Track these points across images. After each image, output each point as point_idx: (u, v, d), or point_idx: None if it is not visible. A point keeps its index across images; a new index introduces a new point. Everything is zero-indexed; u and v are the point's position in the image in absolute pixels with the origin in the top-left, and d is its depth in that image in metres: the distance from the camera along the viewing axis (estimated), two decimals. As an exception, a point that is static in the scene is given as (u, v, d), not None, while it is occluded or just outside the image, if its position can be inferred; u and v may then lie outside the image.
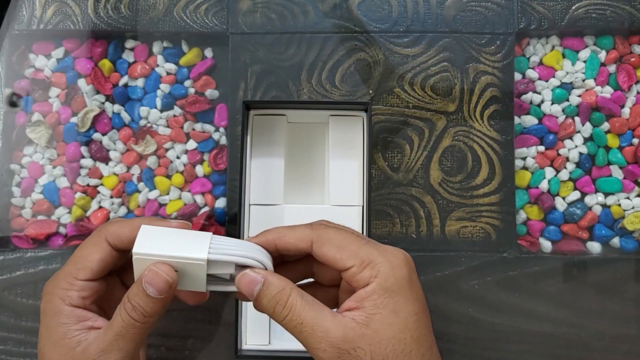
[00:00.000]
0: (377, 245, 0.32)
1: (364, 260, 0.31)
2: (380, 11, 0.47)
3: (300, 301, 0.31)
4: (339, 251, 0.32)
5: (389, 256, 0.32)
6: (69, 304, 0.33)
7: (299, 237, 0.33)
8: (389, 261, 0.31)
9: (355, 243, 0.32)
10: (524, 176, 0.46)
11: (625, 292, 0.44)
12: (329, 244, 0.32)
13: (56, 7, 0.47)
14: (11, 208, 0.47)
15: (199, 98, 0.47)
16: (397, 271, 0.31)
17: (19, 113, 0.47)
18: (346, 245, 0.32)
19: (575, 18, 0.46)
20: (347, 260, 0.31)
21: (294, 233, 0.33)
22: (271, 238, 0.33)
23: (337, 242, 0.32)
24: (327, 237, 0.32)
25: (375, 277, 0.31)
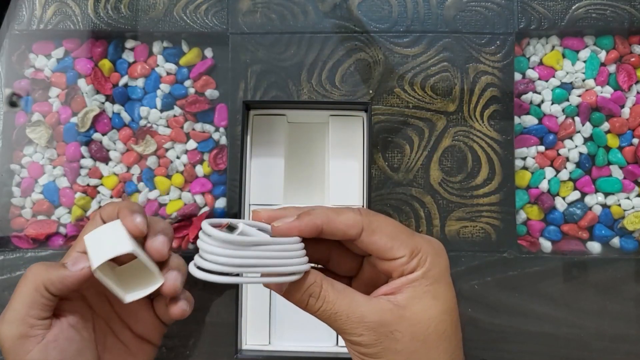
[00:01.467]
0: (421, 235, 0.33)
1: (413, 250, 0.31)
2: (380, 11, 0.47)
3: (332, 291, 0.31)
4: (391, 240, 0.31)
5: (434, 245, 0.32)
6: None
7: (349, 223, 0.31)
8: (435, 250, 0.32)
9: (405, 232, 0.32)
10: (524, 176, 0.46)
11: (625, 292, 0.44)
12: (381, 232, 0.31)
13: (56, 7, 0.47)
14: (11, 208, 0.47)
15: (199, 98, 0.47)
16: (441, 260, 0.32)
17: (19, 113, 0.47)
18: (398, 234, 0.32)
19: (575, 18, 0.46)
20: (398, 249, 0.31)
21: (342, 218, 0.32)
22: (319, 223, 0.31)
23: (388, 230, 0.32)
24: (378, 225, 0.32)
25: (422, 267, 0.31)
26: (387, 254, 0.31)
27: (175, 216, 0.46)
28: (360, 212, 0.32)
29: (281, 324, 0.43)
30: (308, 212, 0.32)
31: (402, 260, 0.31)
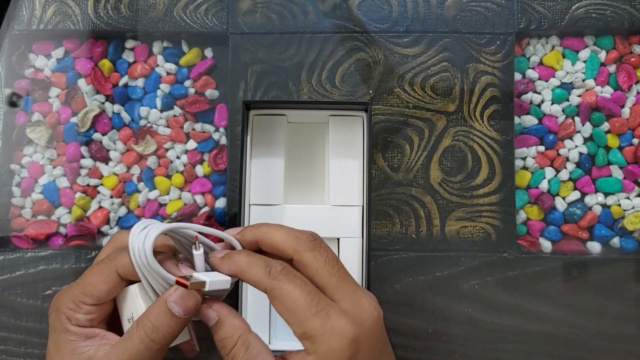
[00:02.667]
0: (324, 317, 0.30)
1: (305, 333, 0.30)
2: (380, 11, 0.47)
3: (244, 353, 0.31)
4: (286, 312, 0.31)
5: (332, 335, 0.30)
6: (76, 324, 0.33)
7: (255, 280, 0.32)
8: (329, 341, 0.30)
9: (304, 311, 0.30)
10: (524, 176, 0.46)
11: (625, 292, 0.44)
12: (279, 301, 0.31)
13: (56, 7, 0.47)
14: (11, 208, 0.47)
15: (199, 98, 0.47)
16: (335, 353, 0.30)
17: (19, 113, 0.47)
18: (294, 309, 0.30)
19: (575, 18, 0.46)
20: (292, 325, 0.31)
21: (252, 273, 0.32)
22: (233, 270, 0.33)
23: (287, 302, 0.30)
24: (279, 294, 0.31)
25: (314, 353, 0.30)
26: (285, 321, 0.31)
27: (175, 216, 0.46)
28: (270, 273, 0.31)
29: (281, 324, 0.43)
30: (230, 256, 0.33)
31: (296, 336, 0.31)
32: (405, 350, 0.44)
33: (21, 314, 0.45)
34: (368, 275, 0.40)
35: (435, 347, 0.44)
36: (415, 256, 0.45)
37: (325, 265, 0.32)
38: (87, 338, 0.33)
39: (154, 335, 0.31)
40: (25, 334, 0.45)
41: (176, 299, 0.31)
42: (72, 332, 0.32)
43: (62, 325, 0.33)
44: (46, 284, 0.45)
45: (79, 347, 0.32)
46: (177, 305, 0.31)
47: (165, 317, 0.31)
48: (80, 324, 0.33)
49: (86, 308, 0.33)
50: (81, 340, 0.32)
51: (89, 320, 0.33)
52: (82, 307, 0.33)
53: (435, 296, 0.44)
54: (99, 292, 0.33)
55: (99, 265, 0.33)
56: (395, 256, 0.45)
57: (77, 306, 0.33)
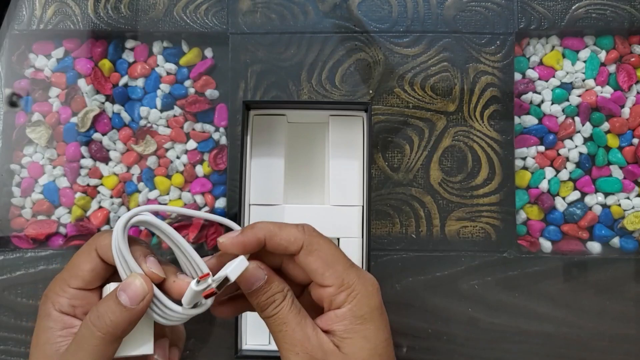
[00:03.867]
0: (358, 270, 0.32)
1: (343, 284, 0.31)
2: (380, 11, 0.47)
3: (290, 305, 0.32)
4: (324, 266, 0.32)
5: (366, 283, 0.32)
6: (58, 309, 0.32)
7: (290, 239, 0.32)
8: (366, 289, 0.32)
9: (342, 263, 0.32)
10: (524, 176, 0.46)
11: (625, 292, 0.44)
12: (317, 255, 0.32)
13: (56, 7, 0.47)
14: (11, 208, 0.47)
15: (199, 98, 0.47)
16: (371, 300, 0.32)
17: (19, 113, 0.47)
18: (334, 262, 0.32)
19: (575, 18, 0.46)
20: (328, 278, 0.31)
21: (284, 233, 0.32)
22: (261, 236, 0.32)
23: (325, 255, 0.32)
24: (318, 247, 0.32)
25: (349, 303, 0.31)
26: (318, 278, 0.32)
27: (175, 216, 0.46)
28: (304, 229, 0.32)
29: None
30: (251, 226, 0.32)
31: (329, 290, 0.32)
32: (406, 350, 0.44)
33: (21, 314, 0.45)
34: (368, 275, 0.40)
35: (435, 347, 0.44)
36: (415, 256, 0.45)
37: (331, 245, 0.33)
38: (63, 328, 0.32)
39: (97, 322, 0.30)
40: (25, 334, 0.45)
41: (124, 286, 0.31)
42: (52, 318, 0.32)
43: (46, 309, 0.33)
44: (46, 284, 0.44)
45: (52, 337, 0.32)
46: (123, 293, 0.30)
47: (111, 304, 0.31)
48: (62, 309, 0.32)
49: (71, 292, 0.32)
50: (57, 329, 0.32)
51: (72, 306, 0.32)
52: (66, 291, 0.32)
53: (435, 296, 0.44)
54: (82, 272, 0.32)
55: (82, 247, 0.34)
56: (395, 256, 0.45)
57: (62, 289, 0.33)
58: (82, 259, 0.33)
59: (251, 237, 0.32)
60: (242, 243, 0.32)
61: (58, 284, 0.33)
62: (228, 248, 0.32)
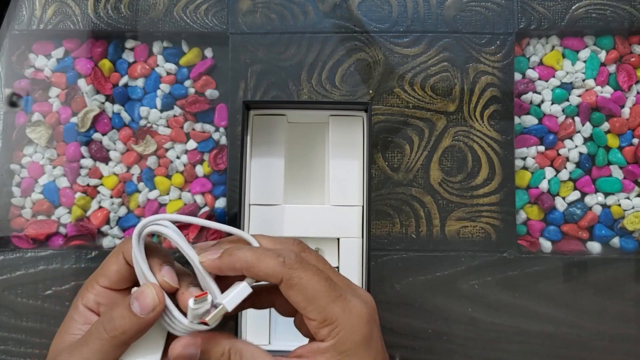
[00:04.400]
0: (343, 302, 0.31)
1: (326, 319, 0.30)
2: (380, 11, 0.47)
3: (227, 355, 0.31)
4: (305, 301, 0.30)
5: (352, 317, 0.30)
6: (84, 304, 0.33)
7: (267, 272, 0.30)
8: (350, 323, 0.30)
9: (324, 296, 0.30)
10: (524, 176, 0.46)
11: (625, 292, 0.44)
12: (297, 289, 0.30)
13: (56, 7, 0.47)
14: (11, 208, 0.47)
15: (199, 98, 0.47)
16: (356, 334, 0.30)
17: (19, 113, 0.47)
18: (315, 297, 0.30)
19: (575, 18, 0.46)
20: (310, 312, 0.30)
21: (263, 266, 0.31)
22: (238, 267, 0.31)
23: (306, 290, 0.30)
24: (298, 282, 0.30)
25: (332, 339, 0.30)
26: (300, 311, 0.31)
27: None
28: (284, 262, 0.30)
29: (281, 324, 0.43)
30: (229, 252, 0.31)
31: (312, 324, 0.30)
32: (405, 350, 0.44)
33: (21, 314, 0.45)
34: (368, 275, 0.40)
35: (435, 347, 0.44)
36: (415, 256, 0.45)
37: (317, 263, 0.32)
38: (85, 322, 0.33)
39: (107, 323, 0.31)
40: (25, 334, 0.45)
41: (137, 294, 0.31)
42: (78, 311, 0.33)
43: (75, 302, 0.34)
44: (46, 284, 0.45)
45: (72, 328, 0.33)
46: (136, 301, 0.31)
47: (123, 309, 0.31)
48: (88, 304, 0.33)
49: (98, 289, 0.33)
50: (79, 322, 0.33)
51: (97, 303, 0.33)
52: (95, 288, 0.33)
53: (435, 296, 0.44)
54: (109, 272, 0.33)
55: (115, 247, 0.35)
56: (395, 256, 0.45)
57: (91, 286, 0.34)
58: (111, 260, 0.34)
59: (227, 265, 0.31)
60: (219, 268, 0.31)
61: (89, 281, 0.34)
62: (207, 267, 0.32)
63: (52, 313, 0.45)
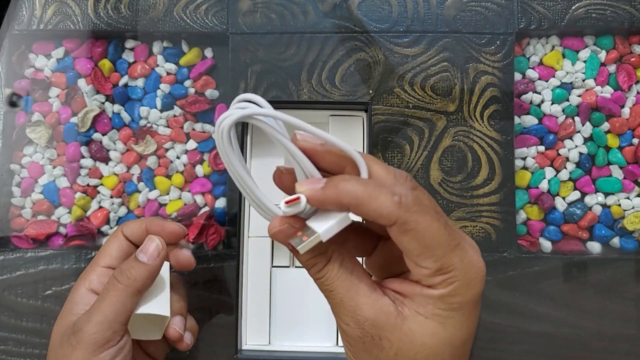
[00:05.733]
0: (462, 253, 0.27)
1: (442, 268, 0.26)
2: (380, 11, 0.47)
3: (337, 269, 0.27)
4: (420, 248, 0.26)
5: (469, 271, 0.27)
6: (87, 287, 0.37)
7: (381, 212, 0.26)
8: (467, 277, 0.27)
9: (443, 245, 0.26)
10: (524, 176, 0.46)
11: (625, 292, 0.44)
12: (413, 235, 0.26)
13: (56, 7, 0.47)
14: (11, 208, 0.47)
15: (199, 98, 0.47)
16: (469, 290, 0.27)
17: (19, 113, 0.47)
18: (433, 245, 0.26)
19: (575, 18, 0.46)
20: (424, 260, 0.26)
21: (374, 205, 0.26)
22: (345, 202, 0.26)
23: (423, 237, 0.26)
24: (414, 227, 0.26)
25: (443, 289, 0.27)
26: (412, 258, 0.27)
27: (175, 216, 0.46)
28: (400, 202, 0.26)
29: (281, 324, 0.43)
30: (336, 183, 0.27)
31: (423, 272, 0.27)
32: None
33: (21, 314, 0.45)
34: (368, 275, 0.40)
35: (435, 347, 0.44)
36: (415, 256, 0.45)
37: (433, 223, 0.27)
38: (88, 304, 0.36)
39: (120, 276, 0.35)
40: (25, 334, 0.45)
41: (142, 248, 0.36)
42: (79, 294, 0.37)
43: (77, 286, 0.37)
44: (46, 284, 0.45)
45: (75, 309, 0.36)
46: (141, 253, 0.36)
47: (132, 261, 0.36)
48: (91, 286, 0.37)
49: (99, 270, 0.37)
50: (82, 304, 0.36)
51: (100, 283, 0.37)
52: (96, 270, 0.37)
53: (435, 296, 0.44)
54: (110, 250, 0.38)
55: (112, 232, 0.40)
56: (395, 256, 0.45)
57: (92, 269, 0.37)
58: (110, 240, 0.39)
59: (332, 198, 0.27)
60: (321, 201, 0.27)
61: (90, 265, 0.38)
62: (308, 200, 0.27)
63: (52, 313, 0.45)
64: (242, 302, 0.42)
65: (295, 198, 0.27)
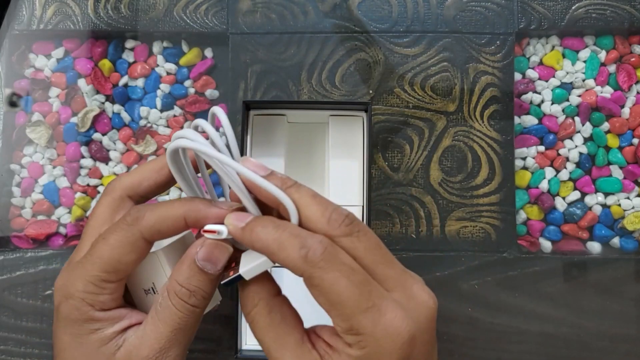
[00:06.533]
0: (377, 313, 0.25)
1: (352, 329, 0.25)
2: (380, 11, 0.47)
3: (264, 317, 0.27)
4: (327, 304, 0.26)
5: (384, 336, 0.25)
6: (101, 309, 0.29)
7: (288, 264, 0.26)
8: (379, 345, 0.25)
9: (351, 306, 0.25)
10: (524, 176, 0.46)
11: (625, 292, 0.44)
12: (319, 292, 0.25)
13: (56, 7, 0.47)
14: (11, 208, 0.47)
15: (199, 98, 0.47)
16: (385, 357, 0.25)
17: (19, 113, 0.47)
18: (339, 303, 0.25)
19: (575, 18, 0.46)
20: (333, 317, 0.26)
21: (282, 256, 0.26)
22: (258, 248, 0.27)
23: (330, 295, 0.25)
24: (319, 283, 0.25)
25: (359, 350, 0.25)
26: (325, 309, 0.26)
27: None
28: (307, 257, 0.25)
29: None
30: (253, 227, 0.27)
31: (337, 328, 0.26)
32: None
33: (21, 314, 0.45)
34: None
35: (435, 347, 0.44)
36: (415, 256, 0.45)
37: (366, 253, 0.26)
38: (113, 323, 0.29)
39: (193, 300, 0.28)
40: (25, 334, 0.45)
41: (205, 255, 0.28)
42: (97, 319, 0.28)
43: (82, 314, 0.28)
44: (46, 284, 0.45)
45: (105, 338, 0.28)
46: (208, 263, 0.28)
47: (199, 276, 0.28)
48: (105, 306, 0.29)
49: (111, 287, 0.29)
50: (108, 327, 0.28)
51: (115, 299, 0.29)
52: (106, 287, 0.28)
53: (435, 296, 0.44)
54: (126, 266, 0.28)
55: (116, 233, 0.29)
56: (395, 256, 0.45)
57: (99, 287, 0.28)
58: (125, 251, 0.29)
59: (247, 241, 0.27)
60: (239, 240, 0.28)
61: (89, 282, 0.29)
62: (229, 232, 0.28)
63: (52, 313, 0.44)
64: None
65: (213, 230, 0.28)
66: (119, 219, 0.29)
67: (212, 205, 0.29)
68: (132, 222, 0.29)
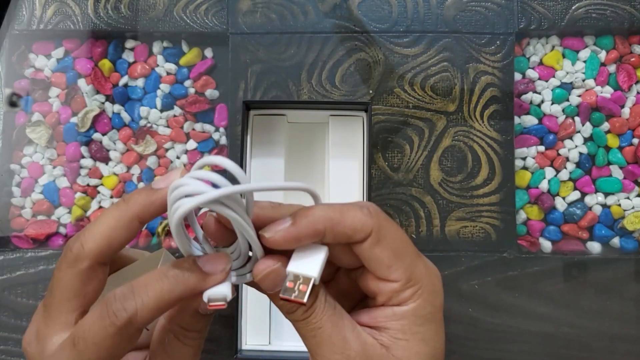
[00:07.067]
0: (424, 261, 0.27)
1: (411, 279, 0.26)
2: (380, 11, 0.47)
3: (324, 305, 0.26)
4: (393, 258, 0.26)
5: (434, 278, 0.27)
6: None
7: (356, 226, 0.25)
8: (433, 285, 0.27)
9: (410, 253, 0.26)
10: (524, 176, 0.46)
11: (625, 292, 0.44)
12: (386, 244, 0.26)
13: (56, 7, 0.47)
14: (11, 208, 0.47)
15: (199, 98, 0.47)
16: (437, 297, 0.27)
17: (19, 113, 0.47)
18: (403, 253, 0.26)
19: (575, 18, 0.46)
20: (395, 271, 0.26)
21: (349, 220, 0.25)
22: (321, 227, 0.25)
23: (395, 245, 0.26)
24: (387, 234, 0.26)
25: (414, 302, 0.26)
26: (382, 271, 0.26)
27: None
28: (369, 211, 0.26)
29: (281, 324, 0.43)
30: (304, 213, 0.26)
31: (394, 286, 0.26)
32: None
33: (21, 314, 0.45)
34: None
35: (435, 347, 0.44)
36: (415, 256, 0.45)
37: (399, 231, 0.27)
38: None
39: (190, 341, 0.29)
40: (25, 334, 0.45)
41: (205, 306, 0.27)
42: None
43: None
44: (46, 284, 0.45)
45: None
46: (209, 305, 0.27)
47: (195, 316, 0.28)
48: None
49: None
50: None
51: None
52: None
53: (435, 296, 0.44)
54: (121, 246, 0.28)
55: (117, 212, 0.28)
56: (395, 256, 0.45)
57: None
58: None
59: (308, 229, 0.26)
60: (297, 237, 0.26)
61: None
62: (279, 244, 0.26)
63: (52, 313, 0.45)
64: (242, 302, 0.42)
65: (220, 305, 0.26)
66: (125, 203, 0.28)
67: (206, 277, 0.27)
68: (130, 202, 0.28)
